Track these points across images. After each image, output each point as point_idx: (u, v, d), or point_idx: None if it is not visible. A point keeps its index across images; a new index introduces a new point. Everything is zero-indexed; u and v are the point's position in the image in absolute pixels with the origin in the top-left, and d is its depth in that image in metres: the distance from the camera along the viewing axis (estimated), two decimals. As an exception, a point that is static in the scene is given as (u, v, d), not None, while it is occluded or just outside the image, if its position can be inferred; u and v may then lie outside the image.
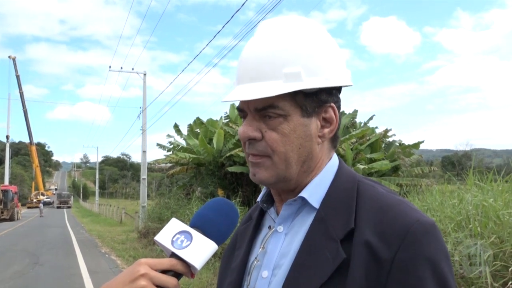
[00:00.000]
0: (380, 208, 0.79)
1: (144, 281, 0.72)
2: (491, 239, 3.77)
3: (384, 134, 17.33)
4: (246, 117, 0.87)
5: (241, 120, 9.57)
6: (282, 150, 0.83)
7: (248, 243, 0.93)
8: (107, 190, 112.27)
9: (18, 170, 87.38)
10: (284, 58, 0.81)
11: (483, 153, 76.46)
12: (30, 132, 66.86)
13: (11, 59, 63.12)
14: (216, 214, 0.82)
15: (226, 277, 0.95)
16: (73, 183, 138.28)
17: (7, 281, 9.18)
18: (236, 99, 0.84)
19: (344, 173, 0.88)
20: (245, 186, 15.51)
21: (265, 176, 0.85)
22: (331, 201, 0.84)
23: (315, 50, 0.83)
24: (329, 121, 0.87)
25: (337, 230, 0.79)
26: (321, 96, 0.84)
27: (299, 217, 0.87)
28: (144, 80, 22.16)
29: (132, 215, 25.66)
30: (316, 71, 0.82)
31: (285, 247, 0.85)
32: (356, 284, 0.73)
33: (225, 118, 18.12)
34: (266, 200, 0.94)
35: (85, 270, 10.45)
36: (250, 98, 0.81)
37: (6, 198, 36.74)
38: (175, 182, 20.91)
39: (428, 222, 0.76)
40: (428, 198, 5.63)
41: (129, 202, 57.76)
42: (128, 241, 15.91)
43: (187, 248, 0.76)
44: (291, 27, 0.85)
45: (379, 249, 0.74)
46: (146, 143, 21.38)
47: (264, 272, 0.85)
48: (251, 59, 0.84)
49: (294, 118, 0.83)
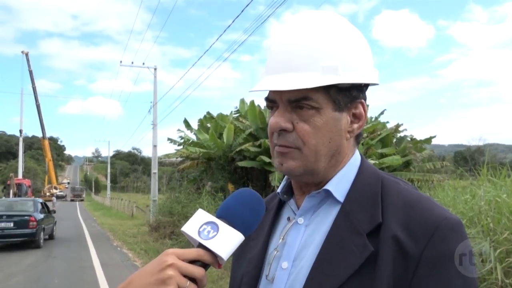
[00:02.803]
0: (406, 204, 0.81)
1: (172, 271, 0.71)
2: (504, 235, 3.72)
3: (395, 129, 17.18)
4: (274, 108, 0.87)
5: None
6: (313, 142, 0.83)
7: (266, 234, 0.94)
8: (118, 184, 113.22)
9: (31, 164, 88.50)
10: (322, 51, 0.82)
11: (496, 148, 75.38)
12: (43, 127, 67.64)
13: (24, 54, 63.78)
14: (242, 205, 0.82)
15: (241, 267, 0.95)
16: (85, 177, 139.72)
17: (21, 273, 9.34)
18: (270, 89, 0.84)
19: (367, 169, 0.90)
20: (255, 181, 15.52)
21: (294, 166, 0.85)
22: (356, 195, 0.85)
23: (351, 46, 0.85)
24: (358, 117, 0.88)
25: (363, 224, 0.80)
26: (353, 92, 0.86)
27: (321, 210, 0.88)
28: (155, 75, 22.25)
29: (143, 209, 25.90)
30: (352, 67, 0.84)
31: (306, 239, 0.86)
32: (384, 277, 0.75)
33: (235, 113, 18.12)
34: (286, 191, 0.95)
35: (98, 262, 10.59)
36: (287, 88, 0.81)
37: (20, 192, 37.34)
38: (185, 176, 20.96)
39: (455, 220, 0.79)
40: (440, 194, 5.58)
41: (140, 196, 58.16)
42: (139, 235, 16.07)
43: (213, 238, 0.76)
44: (325, 21, 0.85)
45: (406, 244, 0.76)
46: (156, 138, 21.53)
47: (284, 263, 0.86)
48: (285, 50, 0.84)
49: (327, 112, 0.83)
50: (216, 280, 7.76)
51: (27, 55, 63.88)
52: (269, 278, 0.88)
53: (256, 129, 15.17)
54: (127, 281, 0.74)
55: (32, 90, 64.03)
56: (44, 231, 13.99)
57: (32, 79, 63.50)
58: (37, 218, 13.22)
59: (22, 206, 14.11)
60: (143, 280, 0.72)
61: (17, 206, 14.16)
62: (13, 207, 13.96)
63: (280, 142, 0.85)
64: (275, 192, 0.99)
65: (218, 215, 0.81)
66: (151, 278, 0.72)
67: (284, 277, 0.85)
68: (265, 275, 0.89)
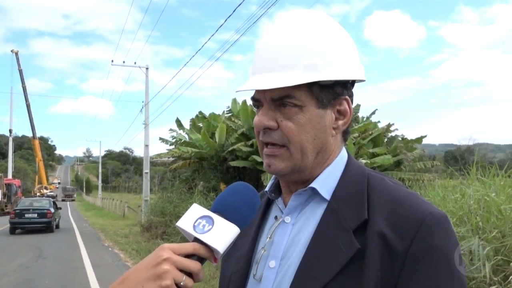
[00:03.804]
0: (392, 200, 0.81)
1: (168, 265, 0.71)
2: (493, 233, 3.77)
3: (386, 128, 17.28)
4: (260, 107, 0.88)
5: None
6: (297, 139, 0.84)
7: (254, 233, 0.94)
8: (110, 184, 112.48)
9: (21, 164, 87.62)
10: (303, 50, 0.83)
11: (486, 148, 76.09)
12: (33, 126, 67.02)
13: (13, 53, 63.14)
14: (237, 199, 0.82)
15: (230, 265, 0.96)
16: (76, 177, 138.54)
17: (11, 274, 9.26)
18: (253, 88, 0.85)
19: (354, 166, 0.90)
20: (247, 180, 15.49)
21: (281, 166, 0.86)
22: (342, 193, 0.85)
23: (333, 44, 0.85)
24: (343, 113, 0.88)
25: (349, 221, 0.81)
26: (336, 89, 0.86)
27: (308, 208, 0.88)
28: (147, 75, 22.13)
29: (134, 209, 25.74)
30: (333, 64, 0.84)
31: (293, 238, 0.86)
32: (372, 273, 0.75)
33: (227, 113, 18.10)
34: (274, 190, 0.95)
35: (89, 263, 10.52)
36: (267, 88, 0.82)
37: (10, 192, 36.91)
38: (177, 176, 20.88)
39: (440, 214, 0.79)
40: (430, 193, 5.62)
41: (131, 196, 57.86)
42: (131, 235, 15.99)
43: (209, 232, 0.76)
44: (309, 20, 0.86)
45: (393, 240, 0.76)
46: (148, 137, 21.40)
47: (272, 262, 0.86)
48: (268, 50, 0.85)
49: (310, 109, 0.84)
50: (208, 280, 7.75)
51: (16, 54, 63.25)
52: (256, 278, 0.88)
53: (248, 128, 15.18)
54: (123, 276, 0.74)
55: (22, 90, 63.42)
56: (55, 221, 19.90)
57: (22, 79, 62.92)
58: (52, 211, 19.11)
59: (40, 203, 19.86)
60: (139, 275, 0.72)
61: (37, 203, 19.82)
62: (34, 204, 19.52)
63: (265, 139, 0.86)
64: (263, 191, 0.99)
65: (213, 209, 0.81)
66: (147, 273, 0.71)
67: (272, 276, 0.85)
68: (253, 274, 0.89)
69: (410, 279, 0.75)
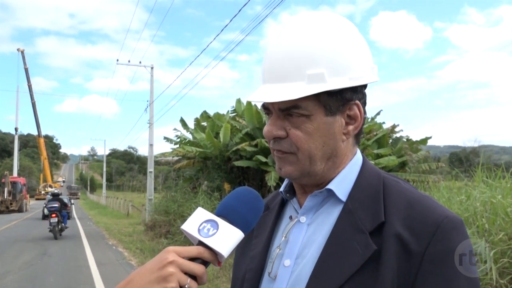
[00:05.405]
0: (408, 203, 0.82)
1: (172, 268, 0.72)
2: (499, 236, 3.75)
3: (391, 129, 17.21)
4: (270, 114, 0.89)
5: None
6: (306, 147, 0.85)
7: (269, 232, 0.95)
8: (114, 183, 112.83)
9: (27, 162, 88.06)
10: (308, 59, 0.81)
11: (492, 150, 75.79)
12: (38, 125, 67.35)
13: (19, 52, 63.46)
14: (241, 203, 0.83)
15: (244, 264, 0.97)
16: (80, 176, 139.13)
17: (16, 271, 9.30)
18: (259, 100, 0.86)
19: (369, 169, 0.91)
20: (251, 181, 15.50)
21: (291, 170, 0.87)
22: (358, 194, 0.86)
23: (340, 49, 0.83)
24: (354, 118, 0.88)
25: (366, 222, 0.82)
26: (346, 95, 0.85)
27: (324, 209, 0.89)
28: (152, 74, 22.18)
29: (138, 208, 25.82)
30: (339, 71, 0.83)
31: (309, 238, 0.87)
32: (388, 274, 0.76)
33: (231, 112, 18.10)
34: (288, 190, 0.96)
35: (93, 261, 10.56)
36: (271, 101, 0.83)
37: (15, 190, 37.07)
38: (181, 175, 20.88)
39: (456, 218, 0.80)
40: (435, 194, 5.60)
41: (136, 195, 58.04)
42: (135, 234, 16.04)
43: (213, 236, 0.77)
44: (316, 25, 0.84)
45: (409, 242, 0.77)
46: (153, 137, 21.46)
47: (286, 261, 0.87)
48: (275, 59, 0.85)
49: (318, 118, 0.84)
50: (212, 279, 7.76)
51: (22, 53, 63.55)
52: (271, 276, 0.89)
53: (253, 128, 15.16)
54: (128, 279, 0.74)
55: (28, 88, 63.76)
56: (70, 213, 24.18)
57: (28, 77, 63.23)
58: (69, 204, 22.21)
59: None
60: (144, 277, 0.72)
61: None
62: None
63: (276, 148, 0.88)
64: (277, 191, 1.00)
65: (218, 214, 0.82)
66: (152, 276, 0.72)
67: (287, 275, 0.86)
68: (268, 273, 0.90)
69: (427, 280, 0.76)
